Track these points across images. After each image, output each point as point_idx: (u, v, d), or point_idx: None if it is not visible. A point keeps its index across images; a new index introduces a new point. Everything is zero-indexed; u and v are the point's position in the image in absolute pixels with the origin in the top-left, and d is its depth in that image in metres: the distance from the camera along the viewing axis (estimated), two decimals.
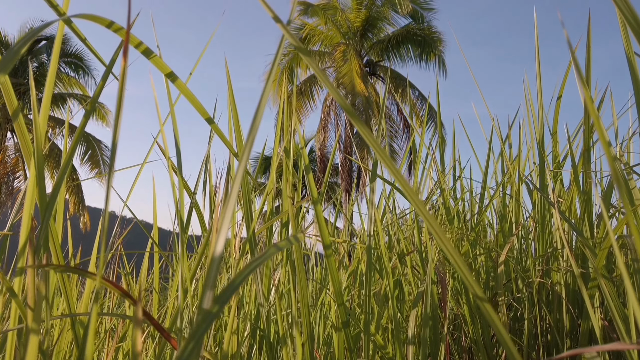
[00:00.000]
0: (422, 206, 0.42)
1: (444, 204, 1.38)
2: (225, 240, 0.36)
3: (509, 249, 1.36)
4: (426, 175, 1.65)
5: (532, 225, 1.69)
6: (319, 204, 0.84)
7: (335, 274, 0.77)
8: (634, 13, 0.56)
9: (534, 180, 1.82)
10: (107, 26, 0.61)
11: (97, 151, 18.13)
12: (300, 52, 0.46)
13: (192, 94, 0.68)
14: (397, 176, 0.47)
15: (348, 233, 2.56)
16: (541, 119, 1.40)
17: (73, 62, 18.51)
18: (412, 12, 17.37)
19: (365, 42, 18.52)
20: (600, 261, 0.89)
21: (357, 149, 17.04)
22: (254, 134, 0.44)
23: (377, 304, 1.15)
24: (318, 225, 0.79)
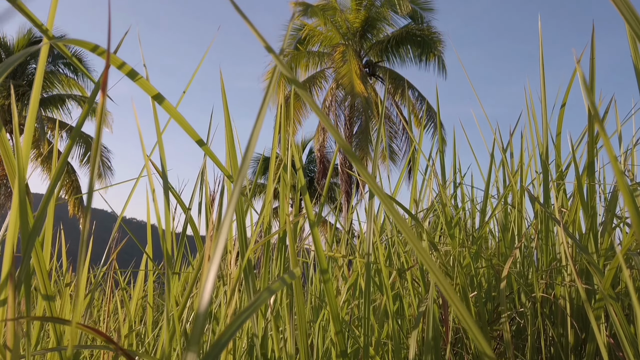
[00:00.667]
0: (409, 232, 0.39)
1: (445, 218, 1.35)
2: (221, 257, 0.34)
3: (512, 261, 1.33)
4: (426, 185, 1.62)
5: (534, 233, 1.67)
6: (316, 227, 0.82)
7: (333, 301, 0.74)
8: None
9: (536, 189, 1.79)
10: (92, 50, 0.58)
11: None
12: (294, 85, 0.44)
13: (181, 116, 0.65)
14: (385, 202, 0.44)
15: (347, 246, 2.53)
16: (545, 133, 1.37)
17: (71, 63, 18.46)
18: (411, 13, 17.34)
19: (365, 42, 18.49)
20: (607, 282, 0.86)
21: (357, 149, 17.02)
22: (246, 164, 0.42)
23: (376, 320, 1.12)
24: (316, 250, 0.76)
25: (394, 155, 19.18)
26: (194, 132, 0.68)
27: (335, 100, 17.78)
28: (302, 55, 18.18)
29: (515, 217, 1.52)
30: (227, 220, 0.39)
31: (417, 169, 1.68)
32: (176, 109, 0.65)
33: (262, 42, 0.40)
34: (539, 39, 1.38)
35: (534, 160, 1.73)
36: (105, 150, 18.45)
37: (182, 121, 0.66)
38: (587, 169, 1.20)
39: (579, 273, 1.18)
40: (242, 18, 0.41)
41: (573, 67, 1.53)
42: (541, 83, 1.51)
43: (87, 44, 0.57)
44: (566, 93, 1.60)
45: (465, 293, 1.24)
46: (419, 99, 18.04)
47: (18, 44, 18.33)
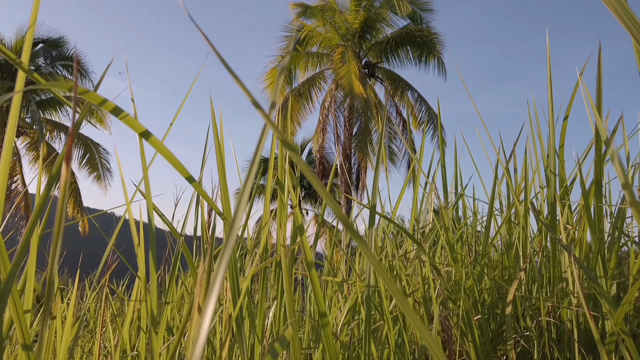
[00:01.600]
0: (385, 276, 0.35)
1: (448, 241, 1.30)
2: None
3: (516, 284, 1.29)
4: (426, 202, 1.58)
5: (537, 246, 1.63)
6: (313, 268, 0.77)
7: (332, 343, 0.70)
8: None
9: (540, 201, 1.75)
10: (69, 90, 0.54)
11: (95, 154, 18.05)
12: (287, 149, 0.39)
13: (169, 152, 0.61)
14: (356, 238, 0.40)
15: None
16: (553, 154, 1.32)
17: (70, 65, 18.41)
18: (410, 14, 17.29)
19: (364, 43, 18.45)
20: (620, 317, 0.82)
21: (357, 150, 16.98)
22: (241, 209, 0.37)
23: (377, 348, 1.08)
24: (314, 293, 0.72)
25: (394, 156, 19.14)
26: (183, 169, 0.64)
27: (334, 101, 17.73)
28: (301, 56, 18.13)
29: (520, 234, 1.48)
30: (219, 278, 0.35)
31: (418, 185, 1.63)
32: (163, 143, 0.61)
33: (249, 97, 0.36)
34: (547, 54, 1.34)
35: (537, 175, 1.68)
36: (104, 152, 18.40)
37: (170, 157, 0.61)
38: (595, 189, 1.16)
39: (587, 297, 1.14)
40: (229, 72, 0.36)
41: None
42: (549, 98, 1.47)
43: (64, 84, 0.52)
44: (569, 106, 1.56)
45: (469, 317, 1.19)
46: (418, 100, 17.99)
47: (16, 45, 18.27)
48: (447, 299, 1.23)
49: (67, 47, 18.51)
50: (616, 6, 0.62)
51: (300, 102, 17.77)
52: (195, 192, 1.32)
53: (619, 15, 0.62)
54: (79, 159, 18.00)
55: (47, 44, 18.30)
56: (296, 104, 17.73)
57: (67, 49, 18.52)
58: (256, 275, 1.49)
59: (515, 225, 1.51)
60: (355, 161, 17.57)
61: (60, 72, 18.49)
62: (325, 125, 17.96)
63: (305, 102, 17.88)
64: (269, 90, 18.24)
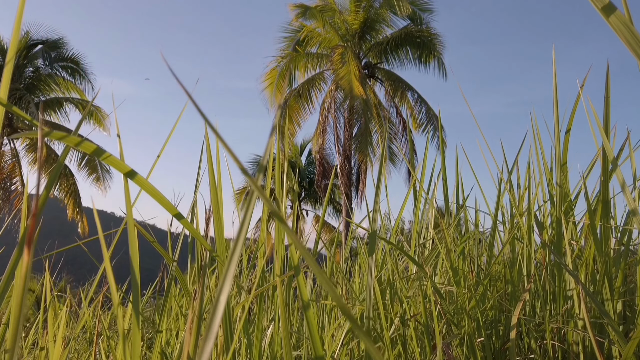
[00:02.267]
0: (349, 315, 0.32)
1: (450, 263, 1.27)
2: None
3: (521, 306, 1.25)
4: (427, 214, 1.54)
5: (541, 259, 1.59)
6: (311, 308, 0.74)
7: None
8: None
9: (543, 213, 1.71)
10: (46, 135, 0.50)
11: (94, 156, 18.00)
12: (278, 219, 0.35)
13: (156, 190, 0.57)
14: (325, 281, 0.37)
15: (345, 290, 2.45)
16: (559, 172, 1.29)
17: (69, 66, 18.36)
18: (410, 14, 17.25)
19: (364, 44, 18.41)
20: (630, 351, 0.78)
21: (357, 151, 16.94)
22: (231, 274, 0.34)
23: None
24: (310, 338, 0.68)
25: (394, 156, 19.09)
26: (171, 206, 0.60)
27: (334, 102, 17.69)
28: (300, 57, 18.08)
29: (523, 250, 1.45)
30: (213, 333, 0.31)
31: (419, 207, 1.59)
32: (148, 180, 0.57)
33: (238, 165, 0.32)
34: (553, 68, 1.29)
35: (540, 187, 1.65)
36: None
37: (157, 196, 0.58)
38: (601, 209, 1.13)
39: (592, 325, 1.10)
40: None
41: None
42: (554, 112, 1.43)
43: (31, 134, 0.49)
44: (570, 118, 1.52)
45: (471, 341, 1.16)
46: (418, 101, 17.94)
47: None
48: (450, 322, 1.20)
49: (67, 48, 18.48)
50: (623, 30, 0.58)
51: (300, 102, 17.73)
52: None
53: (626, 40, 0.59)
54: (78, 161, 17.96)
55: (46, 45, 18.26)
56: (296, 105, 17.69)
57: (67, 50, 18.49)
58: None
59: (519, 242, 1.47)
60: (355, 162, 17.54)
61: (59, 74, 18.45)
62: (325, 126, 17.92)
63: (305, 103, 17.84)
64: (269, 90, 18.21)
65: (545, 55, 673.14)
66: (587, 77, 1.55)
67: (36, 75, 18.13)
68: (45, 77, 18.10)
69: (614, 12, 0.55)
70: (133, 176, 0.56)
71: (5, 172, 17.35)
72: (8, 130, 17.45)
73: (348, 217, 18.30)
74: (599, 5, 0.61)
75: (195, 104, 0.33)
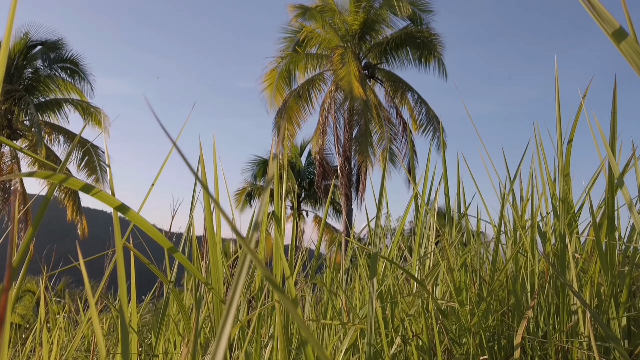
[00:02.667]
0: None
1: (453, 285, 1.24)
2: None
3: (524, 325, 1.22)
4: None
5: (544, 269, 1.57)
6: (308, 347, 0.71)
7: None
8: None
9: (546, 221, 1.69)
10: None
11: (93, 157, 17.98)
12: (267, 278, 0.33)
13: (148, 223, 0.55)
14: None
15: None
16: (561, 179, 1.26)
17: (68, 67, 18.33)
18: (410, 15, 17.22)
19: (364, 44, 18.38)
20: None
21: (357, 153, 16.90)
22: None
23: None
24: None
25: (394, 157, 19.06)
26: (164, 240, 0.58)
27: (334, 103, 17.66)
28: (300, 58, 18.06)
29: (527, 264, 1.42)
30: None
31: (421, 227, 1.57)
32: (139, 214, 0.55)
33: (231, 227, 0.30)
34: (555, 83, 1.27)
35: (544, 198, 1.62)
36: (102, 155, 18.30)
37: (150, 230, 0.55)
38: (607, 225, 1.10)
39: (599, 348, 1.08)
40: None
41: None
42: (557, 123, 1.41)
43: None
44: (572, 128, 1.50)
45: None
46: (418, 102, 17.91)
47: (15, 47, 18.20)
48: (453, 341, 1.17)
49: (66, 49, 18.44)
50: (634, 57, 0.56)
51: (299, 103, 17.70)
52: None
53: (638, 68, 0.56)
54: (77, 162, 17.93)
55: (45, 46, 18.23)
56: (295, 106, 17.66)
57: (66, 51, 18.46)
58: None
59: (522, 255, 1.45)
60: (355, 163, 17.51)
61: (58, 74, 18.42)
62: (325, 127, 17.90)
63: (304, 104, 17.81)
64: (268, 91, 18.19)
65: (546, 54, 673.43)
66: (589, 88, 1.52)
67: (35, 77, 18.10)
68: (44, 78, 18.08)
69: (625, 39, 0.53)
70: (125, 211, 0.54)
71: (4, 174, 17.32)
72: (7, 132, 17.42)
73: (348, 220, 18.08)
74: (609, 30, 0.58)
75: (181, 153, 0.31)
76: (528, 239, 1.51)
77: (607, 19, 0.59)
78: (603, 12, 0.59)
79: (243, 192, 28.29)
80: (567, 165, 1.47)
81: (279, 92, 18.00)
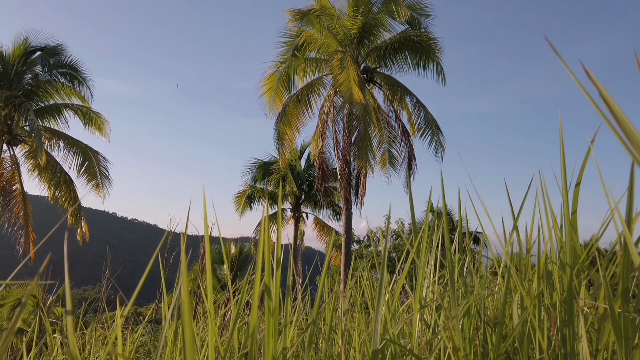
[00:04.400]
0: None
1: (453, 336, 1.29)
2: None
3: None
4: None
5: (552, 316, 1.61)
6: None
7: None
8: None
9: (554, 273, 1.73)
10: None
11: (93, 162, 17.98)
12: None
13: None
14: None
15: None
16: (567, 225, 1.31)
17: (68, 72, 18.31)
18: (409, 19, 17.25)
19: (362, 48, 18.41)
20: None
21: (357, 158, 16.93)
22: None
23: None
24: None
25: (394, 160, 19.10)
26: None
27: (333, 107, 17.70)
28: (299, 62, 18.08)
29: (533, 320, 1.47)
30: None
31: (422, 282, 1.62)
32: None
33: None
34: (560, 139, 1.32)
35: (550, 245, 1.67)
36: (102, 160, 18.30)
37: None
38: (622, 296, 1.15)
39: None
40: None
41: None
42: (562, 170, 1.45)
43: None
44: (580, 172, 1.54)
45: None
46: (417, 106, 17.96)
47: (14, 53, 18.19)
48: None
49: (65, 55, 18.43)
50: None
51: (299, 108, 17.73)
52: None
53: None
54: (77, 167, 17.93)
55: (45, 52, 18.22)
56: (295, 111, 17.69)
57: (65, 56, 18.44)
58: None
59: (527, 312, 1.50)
60: (354, 167, 17.54)
61: (58, 80, 18.42)
62: (325, 130, 17.92)
63: (304, 108, 17.83)
64: (267, 96, 18.21)
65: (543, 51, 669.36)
66: (597, 134, 1.56)
67: (35, 82, 18.09)
68: (44, 83, 18.07)
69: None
70: None
71: (5, 179, 17.32)
72: (7, 138, 17.42)
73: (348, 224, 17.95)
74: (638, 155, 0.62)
75: None
76: (535, 288, 1.55)
77: (636, 142, 0.63)
78: (633, 134, 0.63)
79: (243, 195, 28.33)
80: (575, 208, 1.50)
81: (278, 97, 18.03)
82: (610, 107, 0.62)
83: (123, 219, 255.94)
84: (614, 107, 0.63)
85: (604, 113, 0.64)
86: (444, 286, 1.95)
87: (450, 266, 1.61)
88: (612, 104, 0.62)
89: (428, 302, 1.74)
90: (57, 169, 17.80)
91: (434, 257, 1.97)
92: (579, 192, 1.57)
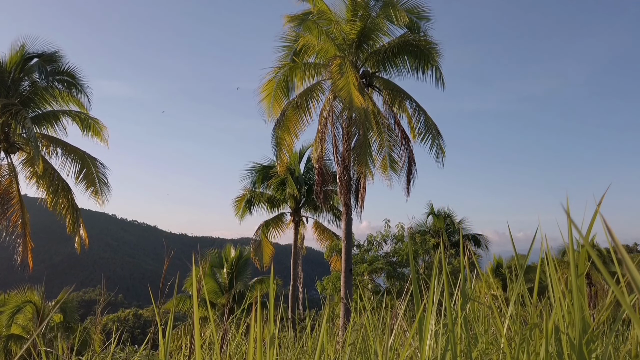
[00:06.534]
0: None
1: None
2: None
3: None
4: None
5: None
6: None
7: None
8: None
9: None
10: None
11: (92, 169, 17.88)
12: None
13: None
14: None
15: None
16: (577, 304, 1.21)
17: (65, 79, 18.20)
18: (408, 23, 17.12)
19: (361, 53, 18.29)
20: None
21: (356, 163, 16.81)
22: None
23: None
24: None
25: (394, 164, 18.99)
26: None
27: (332, 112, 17.58)
28: (298, 67, 17.97)
29: None
30: None
31: (429, 331, 1.51)
32: None
33: None
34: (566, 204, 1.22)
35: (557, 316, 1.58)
36: (101, 167, 18.19)
37: None
38: None
39: None
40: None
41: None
42: (569, 246, 1.36)
43: None
44: (588, 231, 1.45)
45: None
46: (416, 110, 17.85)
47: (11, 60, 18.10)
48: None
49: (63, 61, 18.32)
50: None
51: (297, 114, 17.63)
52: None
53: None
54: (76, 174, 17.83)
55: (42, 59, 18.12)
56: (294, 116, 17.58)
57: (63, 63, 18.33)
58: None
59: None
60: (354, 172, 17.43)
61: (55, 87, 18.31)
62: (324, 135, 17.81)
63: (302, 114, 17.72)
64: (266, 102, 18.11)
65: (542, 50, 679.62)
66: (604, 197, 1.47)
67: (32, 89, 17.99)
68: (41, 90, 17.98)
69: None
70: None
71: (3, 187, 17.23)
72: (5, 145, 17.34)
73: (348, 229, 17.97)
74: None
75: None
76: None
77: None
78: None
79: (242, 199, 28.20)
80: (583, 287, 1.42)
81: (277, 103, 17.92)
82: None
83: (123, 221, 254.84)
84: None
85: None
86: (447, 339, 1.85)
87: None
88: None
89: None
90: (55, 176, 17.70)
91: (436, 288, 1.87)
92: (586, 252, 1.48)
